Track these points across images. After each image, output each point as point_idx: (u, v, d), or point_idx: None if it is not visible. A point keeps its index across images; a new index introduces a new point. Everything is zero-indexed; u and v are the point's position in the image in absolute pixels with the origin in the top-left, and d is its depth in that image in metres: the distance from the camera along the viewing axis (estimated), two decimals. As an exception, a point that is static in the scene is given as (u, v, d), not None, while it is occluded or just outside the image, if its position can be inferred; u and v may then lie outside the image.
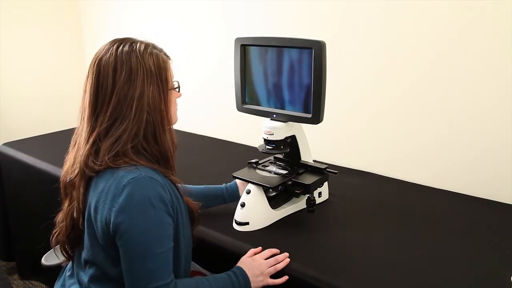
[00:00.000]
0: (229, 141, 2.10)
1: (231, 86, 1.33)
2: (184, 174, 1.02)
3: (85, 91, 0.95)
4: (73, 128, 1.03)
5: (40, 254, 1.26)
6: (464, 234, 1.19)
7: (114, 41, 0.96)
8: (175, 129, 1.03)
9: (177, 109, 1.05)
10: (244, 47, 1.26)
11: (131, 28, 2.50)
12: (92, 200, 0.93)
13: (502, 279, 0.96)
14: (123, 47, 0.93)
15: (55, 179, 1.64)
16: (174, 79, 1.01)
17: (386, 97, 1.60)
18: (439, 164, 1.53)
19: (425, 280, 0.97)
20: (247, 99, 1.31)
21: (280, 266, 1.03)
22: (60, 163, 1.70)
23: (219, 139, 2.14)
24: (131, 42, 0.96)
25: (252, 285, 0.99)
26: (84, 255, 0.98)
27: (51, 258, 1.24)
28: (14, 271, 2.13)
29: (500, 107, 1.36)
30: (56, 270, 1.17)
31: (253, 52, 1.25)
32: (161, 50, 0.99)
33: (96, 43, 2.81)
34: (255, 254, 1.07)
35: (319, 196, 1.36)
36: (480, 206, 1.37)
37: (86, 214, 0.95)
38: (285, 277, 1.02)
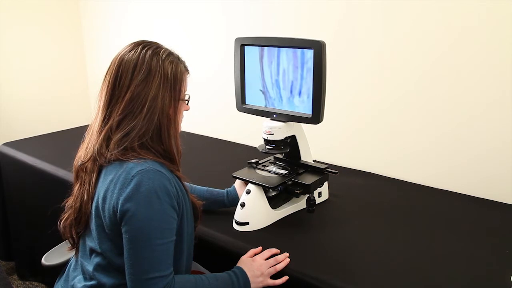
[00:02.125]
0: (229, 141, 2.10)
1: (231, 86, 1.33)
2: (185, 174, 1.02)
3: (104, 80, 0.99)
4: (73, 128, 1.04)
5: (40, 254, 1.26)
6: (464, 234, 1.19)
7: (141, 42, 1.00)
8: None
9: (182, 120, 1.07)
10: (244, 47, 1.26)
11: (131, 28, 2.50)
12: (100, 190, 0.96)
13: (502, 279, 0.96)
14: (147, 50, 0.97)
15: (55, 179, 1.66)
16: (186, 92, 1.05)
17: (386, 97, 1.60)
18: (439, 164, 1.53)
19: (425, 280, 0.97)
20: (247, 99, 1.31)
21: (280, 266, 1.03)
22: (60, 163, 1.71)
23: (219, 139, 2.14)
24: (157, 47, 1.00)
25: (252, 285, 1.00)
26: (90, 244, 1.00)
27: (51, 258, 1.24)
28: (14, 271, 2.13)
29: (500, 107, 1.36)
30: (56, 270, 1.17)
31: (253, 52, 1.25)
32: (182, 62, 1.04)
33: (96, 43, 2.81)
34: (255, 254, 1.07)
35: (319, 196, 1.36)
36: (480, 206, 1.37)
37: (94, 204, 0.98)
38: (285, 277, 1.02)
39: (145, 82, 0.95)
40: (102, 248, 0.96)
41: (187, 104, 1.06)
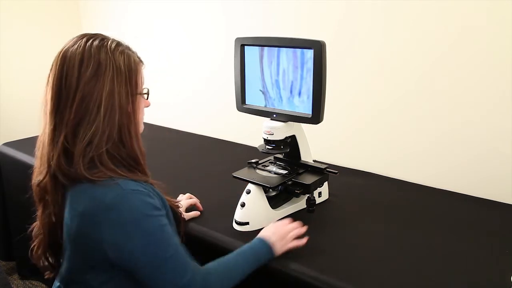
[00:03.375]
0: (229, 141, 2.10)
1: (231, 86, 1.33)
2: (185, 174, 1.01)
3: (47, 83, 0.89)
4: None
5: (40, 254, 1.26)
6: (464, 234, 1.19)
7: (84, 35, 0.90)
8: (175, 129, 1.02)
9: (143, 118, 0.97)
10: (244, 47, 1.26)
11: (131, 28, 2.50)
12: (73, 222, 0.86)
13: (502, 279, 0.96)
14: (92, 41, 0.87)
15: (55, 179, 1.66)
16: (144, 86, 0.95)
17: (386, 97, 1.60)
18: (439, 164, 1.53)
19: (425, 280, 0.97)
20: (247, 99, 1.31)
21: (303, 230, 1.08)
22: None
23: (219, 139, 2.14)
24: (102, 37, 0.90)
25: (276, 247, 1.02)
26: (65, 272, 0.93)
27: (51, 258, 1.23)
28: (14, 271, 2.13)
29: (500, 107, 1.36)
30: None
31: (253, 52, 1.25)
32: (134, 52, 0.94)
33: (96, 43, 2.81)
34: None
35: (319, 196, 1.36)
36: (480, 206, 1.37)
37: (66, 232, 0.89)
38: (306, 238, 1.07)
39: (96, 78, 0.83)
40: (84, 278, 0.89)
41: (147, 99, 0.95)
